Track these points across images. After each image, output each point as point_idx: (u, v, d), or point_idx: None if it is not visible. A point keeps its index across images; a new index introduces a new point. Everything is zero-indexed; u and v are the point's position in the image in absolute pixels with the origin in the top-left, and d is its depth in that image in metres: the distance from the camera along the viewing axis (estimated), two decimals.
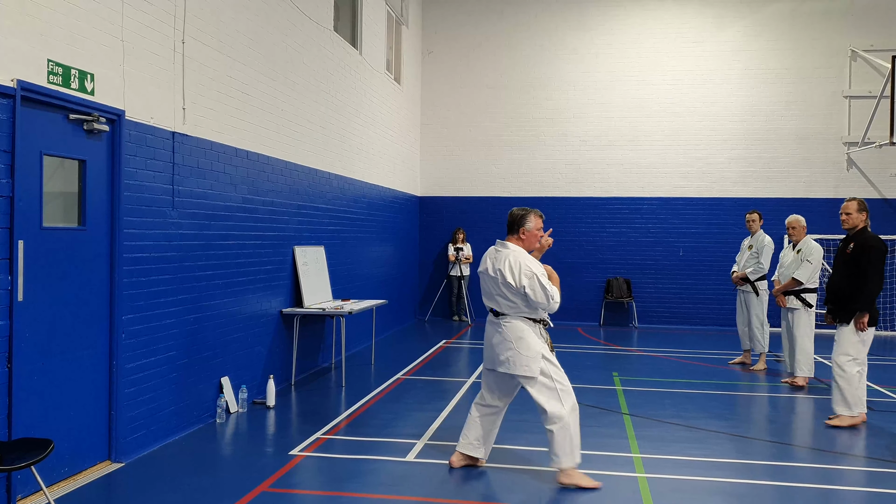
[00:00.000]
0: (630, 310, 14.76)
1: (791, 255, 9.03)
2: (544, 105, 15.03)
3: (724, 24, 14.52)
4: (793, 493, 5.21)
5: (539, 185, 15.01)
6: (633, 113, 14.75)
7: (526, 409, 7.51)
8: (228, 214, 7.22)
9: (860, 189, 14.13)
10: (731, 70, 14.49)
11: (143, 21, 5.79)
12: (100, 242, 5.47)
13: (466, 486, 5.29)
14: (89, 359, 5.36)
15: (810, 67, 14.27)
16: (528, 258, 5.24)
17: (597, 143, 14.87)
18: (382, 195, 12.62)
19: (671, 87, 14.64)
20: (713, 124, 14.54)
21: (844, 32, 14.18)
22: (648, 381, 9.11)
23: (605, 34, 14.85)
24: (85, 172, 5.30)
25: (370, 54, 11.80)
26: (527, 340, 5.20)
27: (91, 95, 5.21)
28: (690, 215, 14.62)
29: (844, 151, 14.19)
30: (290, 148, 8.63)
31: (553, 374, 5.22)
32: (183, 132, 6.39)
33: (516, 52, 15.11)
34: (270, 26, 8.11)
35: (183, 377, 6.45)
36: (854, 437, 6.68)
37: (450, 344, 11.98)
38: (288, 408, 7.57)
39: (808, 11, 14.30)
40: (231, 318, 7.29)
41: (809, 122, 14.29)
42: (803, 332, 8.86)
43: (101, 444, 5.52)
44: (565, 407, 5.17)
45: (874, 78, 13.95)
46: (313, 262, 9.19)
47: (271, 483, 5.24)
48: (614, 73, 14.81)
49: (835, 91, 14.24)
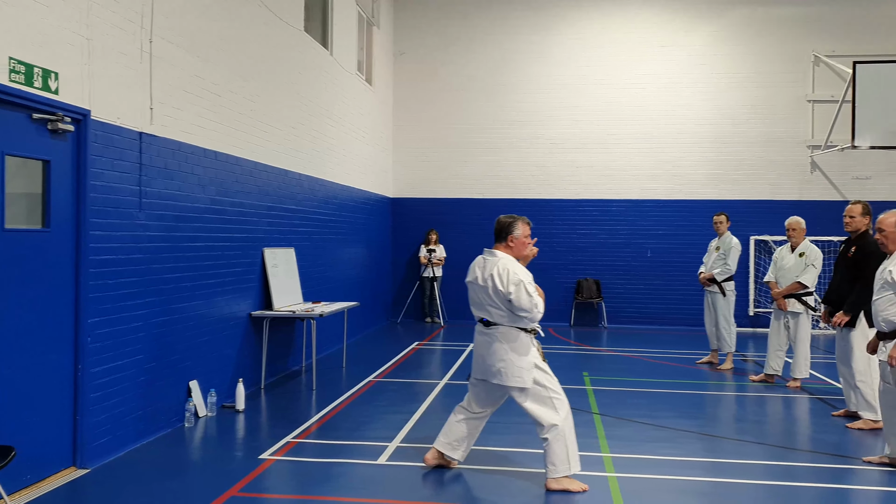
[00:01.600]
0: (600, 310, 14.86)
1: (791, 258, 8.93)
2: (515, 107, 15.10)
3: (691, 29, 14.70)
4: (761, 490, 5.28)
5: (510, 186, 15.07)
6: (603, 116, 14.87)
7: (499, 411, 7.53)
8: (197, 216, 7.14)
9: (823, 191, 14.40)
10: (698, 74, 14.68)
11: (109, 19, 5.71)
12: (65, 244, 5.37)
13: (440, 489, 5.28)
14: (54, 363, 5.27)
15: (775, 72, 14.50)
16: (517, 265, 5.17)
17: (567, 145, 14.96)
18: (354, 196, 12.58)
19: (639, 91, 14.79)
20: (681, 127, 14.71)
21: (808, 38, 14.43)
22: (618, 381, 9.17)
23: (574, 38, 14.95)
24: (49, 173, 5.20)
25: (341, 55, 11.75)
26: (520, 350, 5.15)
27: (55, 95, 5.12)
28: (659, 217, 14.77)
29: (808, 154, 14.44)
30: (259, 149, 8.57)
31: (546, 382, 5.19)
32: (150, 132, 6.31)
33: (487, 55, 15.16)
34: (240, 26, 8.04)
35: (151, 381, 6.36)
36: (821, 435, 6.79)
37: (422, 346, 11.97)
38: (258, 411, 7.50)
39: (773, 17, 14.53)
40: (200, 320, 7.21)
41: (774, 125, 14.52)
42: (804, 335, 8.85)
43: (65, 450, 5.42)
44: (560, 415, 5.15)
45: (836, 83, 14.21)
46: (283, 263, 9.12)
47: (241, 487, 5.19)
48: (584, 77, 14.92)
49: (799, 95, 14.48)
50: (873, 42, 14.18)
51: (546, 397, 5.17)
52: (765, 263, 14.06)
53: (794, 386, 8.80)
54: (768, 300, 9.43)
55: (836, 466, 5.93)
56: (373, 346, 11.79)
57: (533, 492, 5.19)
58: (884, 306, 5.64)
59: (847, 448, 6.39)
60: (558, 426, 5.12)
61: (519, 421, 7.11)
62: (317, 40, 10.72)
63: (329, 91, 11.14)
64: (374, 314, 14.03)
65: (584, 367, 10.26)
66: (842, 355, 7.23)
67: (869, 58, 13.47)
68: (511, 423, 7.02)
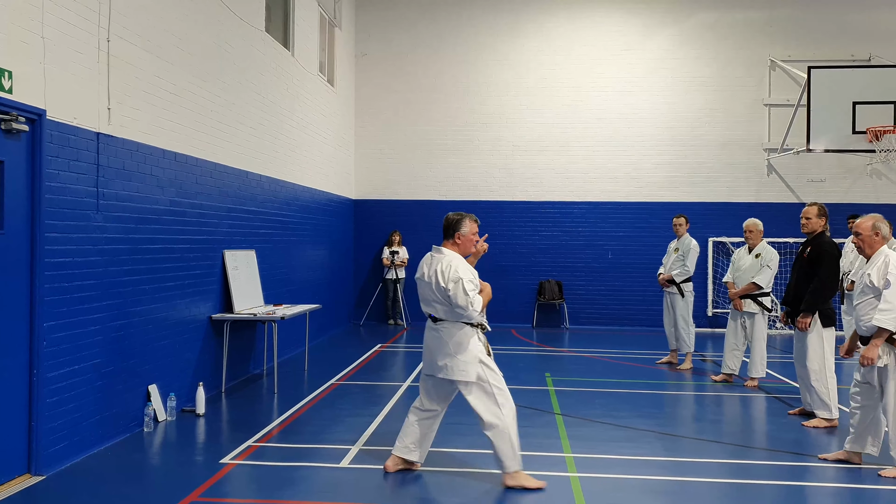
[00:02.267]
0: (561, 311, 14.98)
1: (748, 259, 9.07)
2: (478, 110, 15.15)
3: (651, 34, 14.90)
4: (721, 488, 5.37)
5: (474, 188, 15.12)
6: (565, 119, 15.00)
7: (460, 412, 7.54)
8: (156, 218, 7.04)
9: (779, 193, 14.69)
10: (657, 78, 14.89)
11: (65, 17, 5.60)
12: (19, 247, 5.25)
13: (402, 491, 5.27)
14: (8, 368, 5.14)
15: (733, 76, 14.77)
16: (461, 263, 5.26)
17: (530, 148, 15.06)
18: (316, 198, 12.51)
19: (600, 94, 14.95)
20: (641, 130, 14.90)
21: (764, 43, 14.73)
22: (579, 382, 9.25)
23: (537, 41, 15.06)
24: (3, 174, 5.08)
25: (302, 55, 11.68)
26: (464, 345, 5.22)
27: (9, 94, 5.01)
28: (619, 219, 14.94)
29: (765, 157, 14.73)
30: (220, 150, 8.48)
31: (490, 378, 5.25)
32: (108, 133, 6.20)
33: (450, 57, 15.19)
34: (200, 26, 7.95)
35: (108, 385, 6.25)
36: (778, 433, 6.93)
37: (385, 348, 11.94)
38: (218, 415, 7.42)
39: (731, 22, 14.80)
40: (159, 324, 7.11)
41: (732, 128, 14.79)
42: (760, 335, 9.00)
43: (20, 457, 5.30)
44: (502, 411, 5.22)
45: (792, 87, 14.52)
46: (244, 266, 9.04)
47: (201, 492, 5.12)
48: (546, 80, 15.03)
49: (755, 99, 14.77)
50: (828, 47, 14.52)
51: (490, 394, 5.24)
52: (723, 264, 14.31)
53: (751, 385, 8.96)
54: (726, 301, 9.58)
55: (793, 464, 6.05)
56: (335, 349, 11.73)
57: (494, 492, 5.21)
58: (865, 310, 5.70)
59: (803, 446, 6.52)
60: (500, 424, 5.19)
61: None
62: (278, 41, 10.64)
63: (290, 92, 11.07)
64: (337, 316, 13.96)
65: (547, 367, 10.33)
66: (798, 356, 7.38)
67: (823, 63, 13.78)
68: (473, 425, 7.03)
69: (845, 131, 13.01)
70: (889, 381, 5.55)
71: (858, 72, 13.35)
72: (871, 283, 5.66)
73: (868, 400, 5.74)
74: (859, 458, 5.90)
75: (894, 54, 14.23)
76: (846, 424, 7.13)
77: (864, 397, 5.78)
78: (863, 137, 12.93)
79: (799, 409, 7.59)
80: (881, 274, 5.59)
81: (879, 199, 14.34)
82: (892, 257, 5.63)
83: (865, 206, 13.65)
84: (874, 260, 5.74)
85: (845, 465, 5.89)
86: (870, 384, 5.70)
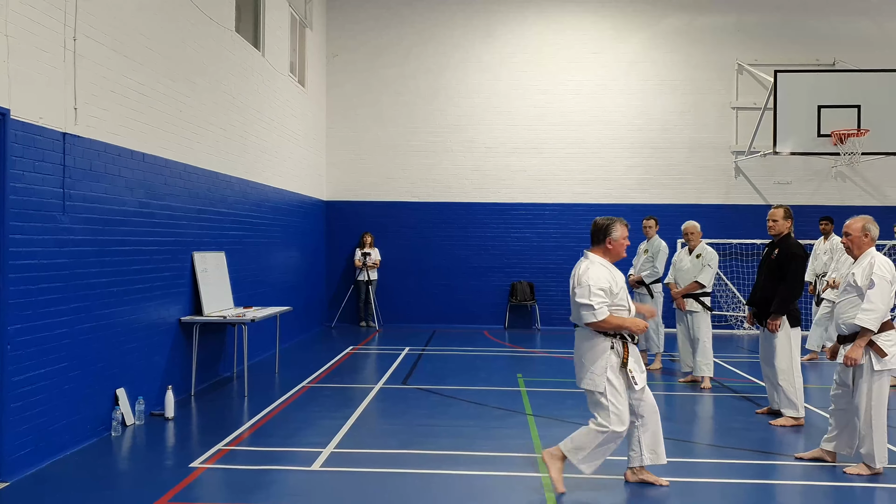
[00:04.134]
0: (533, 312, 15.04)
1: (688, 260, 9.30)
2: (451, 112, 15.17)
3: (622, 37, 15.03)
4: (690, 487, 5.42)
5: (446, 190, 15.12)
6: (537, 121, 15.07)
7: (435, 415, 7.54)
8: (124, 219, 6.95)
9: (747, 195, 14.89)
10: (628, 81, 15.02)
11: (29, 15, 5.51)
12: None
13: (374, 493, 5.26)
14: None
15: (701, 79, 14.95)
16: (599, 269, 5.18)
17: (502, 149, 15.11)
18: (287, 199, 12.43)
19: (572, 96, 15.04)
20: (612, 133, 15.02)
21: (732, 47, 14.93)
22: (551, 382, 9.30)
23: (509, 44, 15.12)
24: None
25: (273, 56, 11.61)
26: (592, 355, 5.12)
27: None
28: (590, 220, 14.81)
29: (733, 160, 14.92)
30: (189, 150, 8.39)
31: (609, 396, 5.06)
32: (75, 133, 6.12)
33: (423, 59, 15.19)
34: (169, 26, 7.86)
35: (76, 389, 6.16)
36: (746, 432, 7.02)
37: (357, 350, 11.90)
38: (188, 419, 7.34)
39: (700, 27, 14.98)
40: (127, 327, 7.02)
41: (701, 131, 14.96)
42: (705, 334, 9.14)
43: None
44: (611, 426, 5.05)
45: (759, 91, 14.72)
46: (214, 268, 8.95)
47: (171, 497, 5.06)
48: (518, 82, 15.09)
49: (724, 102, 14.96)
50: (794, 52, 14.75)
51: (604, 406, 5.07)
52: None
53: (704, 386, 9.03)
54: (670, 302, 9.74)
55: (762, 462, 6.14)
56: (306, 352, 11.67)
57: (469, 493, 5.21)
58: (845, 308, 5.78)
59: (771, 444, 6.61)
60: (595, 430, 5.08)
61: (459, 424, 7.15)
62: (248, 41, 10.56)
63: (261, 92, 10.99)
64: (308, 319, 13.88)
65: (518, 368, 10.36)
66: (765, 355, 7.48)
67: (789, 67, 14.00)
68: (449, 426, 7.05)
69: (811, 134, 13.22)
70: (862, 382, 5.63)
71: (823, 76, 13.58)
72: (854, 283, 5.74)
73: (847, 403, 5.82)
74: (834, 457, 5.99)
75: (858, 59, 14.50)
76: (813, 423, 7.26)
77: (843, 400, 5.85)
78: (828, 140, 13.15)
79: (766, 409, 7.69)
80: (866, 274, 5.66)
81: (844, 201, 14.59)
82: (878, 259, 5.70)
83: (831, 207, 13.94)
84: (860, 260, 5.82)
85: (818, 464, 5.98)
86: (847, 386, 5.79)
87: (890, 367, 5.61)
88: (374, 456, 6.12)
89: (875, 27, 14.79)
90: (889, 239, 14.38)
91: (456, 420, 7.33)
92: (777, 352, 7.26)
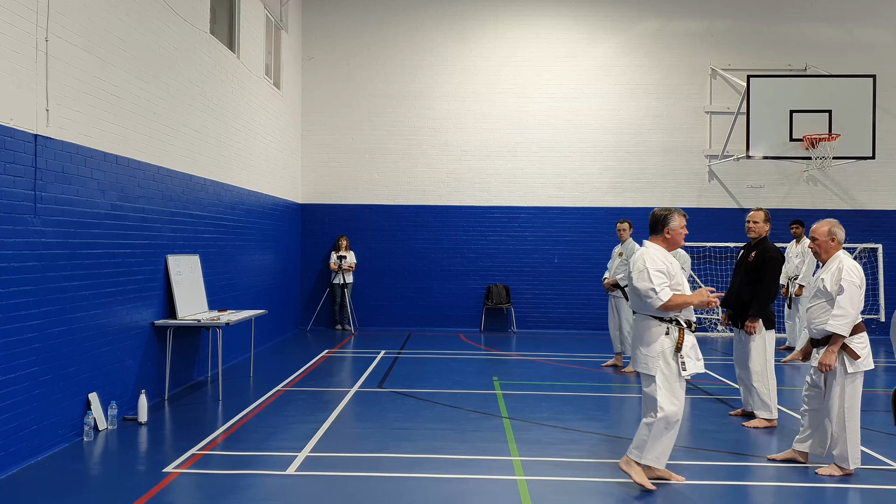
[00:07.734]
0: (509, 315, 15.08)
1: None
2: (426, 115, 15.17)
3: (595, 41, 15.14)
4: (665, 489, 5.46)
5: (421, 193, 15.12)
6: (511, 124, 15.12)
7: (408, 418, 7.54)
8: (96, 222, 6.87)
9: (720, 199, 15.05)
10: (602, 85, 15.12)
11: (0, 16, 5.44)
12: None
13: (349, 498, 5.24)
14: None
15: (675, 84, 15.10)
16: (657, 254, 5.43)
17: (477, 153, 15.14)
18: (262, 202, 12.36)
19: (546, 100, 15.11)
20: (586, 136, 15.11)
21: (706, 52, 15.09)
22: (527, 385, 9.33)
23: (484, 47, 15.16)
24: None
25: (248, 58, 11.54)
26: (648, 339, 5.30)
27: None
28: (565, 224, 15.12)
29: (706, 164, 15.07)
30: (163, 153, 8.32)
31: (664, 379, 5.24)
32: (46, 135, 6.04)
33: (398, 62, 15.19)
34: (143, 27, 7.79)
35: (46, 394, 6.07)
36: (720, 434, 7.09)
37: (332, 353, 11.85)
38: (161, 423, 7.27)
39: (673, 32, 15.12)
40: (99, 330, 6.94)
41: (674, 135, 15.10)
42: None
43: None
44: (660, 411, 5.23)
45: (732, 95, 14.90)
46: (188, 271, 8.88)
47: (144, 503, 5.01)
48: (493, 86, 15.14)
49: (697, 107, 15.11)
50: (766, 57, 14.94)
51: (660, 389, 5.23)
52: None
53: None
54: None
55: (735, 464, 6.20)
56: (281, 355, 11.60)
57: (446, 494, 5.21)
58: (816, 314, 5.84)
59: (744, 446, 6.69)
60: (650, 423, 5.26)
61: (434, 427, 7.14)
62: (223, 43, 10.49)
63: (235, 94, 10.92)
64: (283, 322, 13.81)
65: (494, 371, 10.38)
66: (739, 357, 7.56)
67: (762, 72, 14.18)
68: (420, 429, 7.04)
69: (783, 139, 13.39)
70: (836, 385, 5.70)
71: (795, 81, 13.77)
72: (824, 288, 5.79)
73: (819, 404, 5.90)
74: (805, 458, 6.07)
75: (829, 64, 14.73)
76: (786, 424, 7.36)
77: (815, 401, 5.93)
78: (800, 145, 13.32)
79: (740, 410, 7.78)
80: (835, 279, 5.72)
81: (815, 204, 14.81)
82: (846, 263, 5.76)
83: (802, 211, 14.14)
84: (829, 265, 5.87)
85: (790, 465, 6.05)
86: (819, 387, 5.86)
87: (863, 370, 5.70)
88: (350, 460, 6.10)
89: (845, 33, 15.02)
90: (859, 242, 14.64)
91: (431, 423, 7.33)
92: (752, 354, 7.35)
